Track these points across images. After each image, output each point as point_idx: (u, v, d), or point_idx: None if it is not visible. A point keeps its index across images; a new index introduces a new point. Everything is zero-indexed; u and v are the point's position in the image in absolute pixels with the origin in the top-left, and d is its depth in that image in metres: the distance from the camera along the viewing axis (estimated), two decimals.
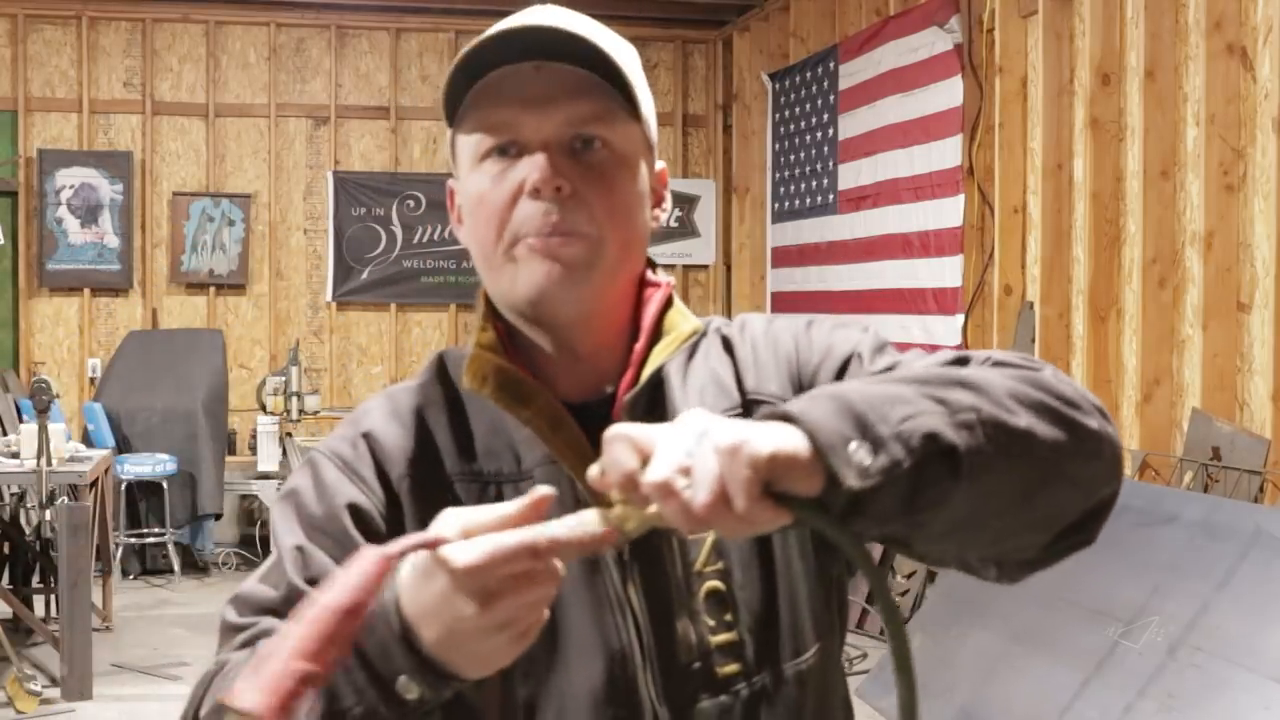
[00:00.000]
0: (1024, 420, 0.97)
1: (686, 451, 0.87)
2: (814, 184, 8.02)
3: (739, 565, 1.18)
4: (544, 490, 0.93)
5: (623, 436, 0.89)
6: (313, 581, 1.10)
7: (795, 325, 1.28)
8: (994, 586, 1.33)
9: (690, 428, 0.89)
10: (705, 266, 9.76)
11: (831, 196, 7.76)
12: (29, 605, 6.56)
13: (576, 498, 1.14)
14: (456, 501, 1.17)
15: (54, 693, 5.67)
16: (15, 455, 5.96)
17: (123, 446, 8.07)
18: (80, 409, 8.58)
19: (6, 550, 6.82)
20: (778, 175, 8.60)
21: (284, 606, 1.09)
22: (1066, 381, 1.05)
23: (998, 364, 1.06)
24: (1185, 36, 5.08)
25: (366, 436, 1.20)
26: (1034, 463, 0.98)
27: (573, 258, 1.14)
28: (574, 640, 1.15)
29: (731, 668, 1.17)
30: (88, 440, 7.67)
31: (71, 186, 9.04)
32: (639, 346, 1.21)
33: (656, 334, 1.23)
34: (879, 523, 0.91)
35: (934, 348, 6.62)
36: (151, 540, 8.09)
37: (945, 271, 6.52)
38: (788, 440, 0.88)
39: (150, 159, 9.22)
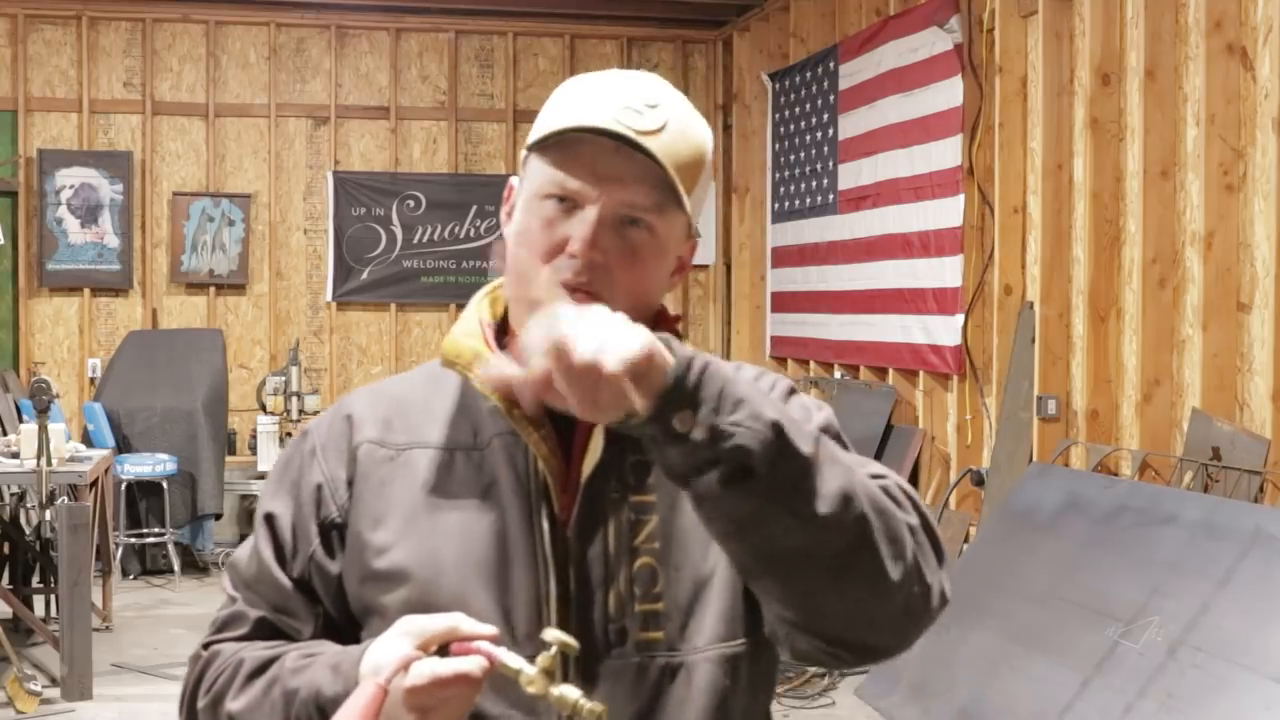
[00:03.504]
0: (829, 506, 1.13)
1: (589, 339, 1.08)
2: (814, 184, 8.02)
3: (679, 548, 1.32)
4: (490, 629, 1.19)
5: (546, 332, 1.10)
6: (278, 548, 1.38)
7: (778, 390, 1.40)
8: (994, 586, 1.36)
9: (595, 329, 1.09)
10: (705, 266, 9.75)
11: (831, 196, 7.76)
12: (29, 605, 6.55)
13: (529, 467, 1.33)
14: (411, 466, 1.36)
15: (54, 693, 5.67)
16: (15, 455, 5.95)
17: (123, 446, 8.06)
18: (80, 409, 8.59)
19: (6, 550, 6.81)
20: (778, 175, 8.60)
21: (255, 583, 1.39)
22: (915, 535, 1.21)
23: (885, 487, 1.22)
24: (1185, 36, 5.08)
25: (346, 412, 1.43)
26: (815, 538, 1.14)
27: None
28: (512, 585, 1.32)
29: (652, 635, 1.31)
30: (88, 440, 7.67)
31: (71, 186, 9.04)
32: None
33: None
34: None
35: (934, 348, 6.63)
36: (151, 540, 8.09)
37: (945, 271, 6.52)
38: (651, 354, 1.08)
39: (150, 159, 9.22)
